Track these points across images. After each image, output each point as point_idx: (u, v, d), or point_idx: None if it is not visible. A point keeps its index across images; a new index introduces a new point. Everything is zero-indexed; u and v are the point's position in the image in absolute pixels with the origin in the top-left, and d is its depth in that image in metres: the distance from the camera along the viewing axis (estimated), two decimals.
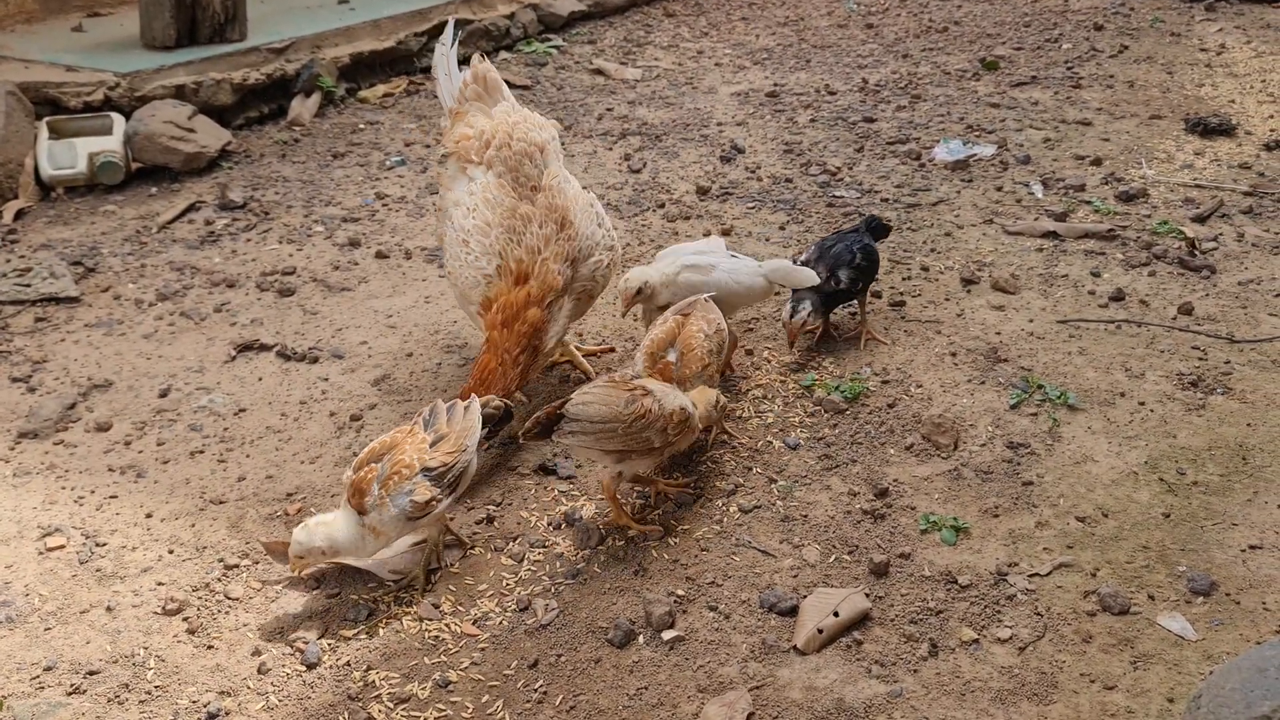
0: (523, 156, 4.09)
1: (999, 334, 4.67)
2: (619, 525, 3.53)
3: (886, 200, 6.02)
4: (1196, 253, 5.31)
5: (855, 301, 4.62)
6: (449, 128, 4.29)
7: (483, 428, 3.44)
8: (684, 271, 4.14)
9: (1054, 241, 5.49)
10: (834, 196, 6.07)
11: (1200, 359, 4.46)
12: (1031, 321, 4.77)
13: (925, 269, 5.24)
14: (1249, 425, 4.02)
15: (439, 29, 8.29)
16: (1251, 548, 3.44)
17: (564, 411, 3.34)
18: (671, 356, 3.75)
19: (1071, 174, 6.26)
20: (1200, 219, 5.70)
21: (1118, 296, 4.93)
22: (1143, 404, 4.17)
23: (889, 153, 6.67)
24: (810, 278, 4.26)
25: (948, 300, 4.96)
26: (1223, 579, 3.32)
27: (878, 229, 4.79)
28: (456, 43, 4.48)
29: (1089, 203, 5.91)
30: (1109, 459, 3.87)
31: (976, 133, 6.91)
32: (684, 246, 4.47)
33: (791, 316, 4.33)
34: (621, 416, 3.33)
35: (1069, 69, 8.07)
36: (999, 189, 6.13)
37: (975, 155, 6.52)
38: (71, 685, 3.02)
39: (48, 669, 3.08)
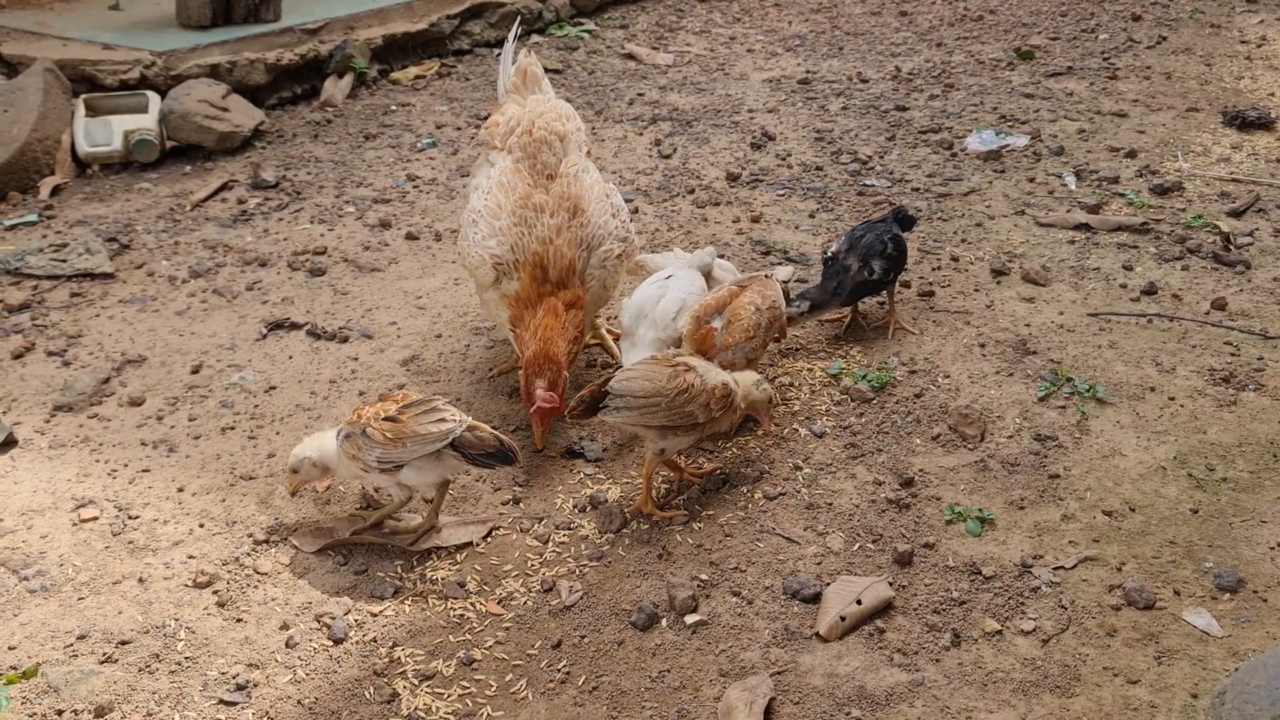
0: (542, 144, 4.13)
1: (1028, 326, 4.64)
2: (643, 512, 3.55)
3: (917, 190, 5.99)
4: (1231, 247, 5.25)
5: (884, 291, 4.61)
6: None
7: (476, 461, 3.35)
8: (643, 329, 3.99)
9: (1086, 234, 5.45)
10: (864, 185, 6.05)
11: (1233, 355, 4.42)
12: (1062, 314, 4.74)
13: (955, 259, 5.21)
14: None
15: (471, 11, 8.30)
16: None
17: (608, 388, 3.39)
18: (717, 323, 3.81)
19: (1105, 166, 6.20)
20: (1236, 213, 5.63)
21: (1150, 290, 4.89)
22: (1173, 399, 4.14)
23: (921, 142, 6.63)
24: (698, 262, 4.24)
25: (977, 291, 4.94)
26: (1250, 576, 3.30)
27: (904, 220, 4.77)
28: (517, 38, 4.60)
29: (1122, 195, 5.85)
30: (1137, 453, 3.85)
31: (1010, 123, 6.85)
32: (647, 289, 4.12)
33: (797, 313, 4.33)
34: (664, 391, 3.37)
35: (1105, 59, 7.99)
36: (1031, 180, 6.08)
37: (1008, 146, 6.47)
38: (104, 654, 3.08)
39: (81, 637, 3.13)
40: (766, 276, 4.05)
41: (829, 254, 4.52)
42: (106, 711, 2.90)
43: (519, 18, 8.60)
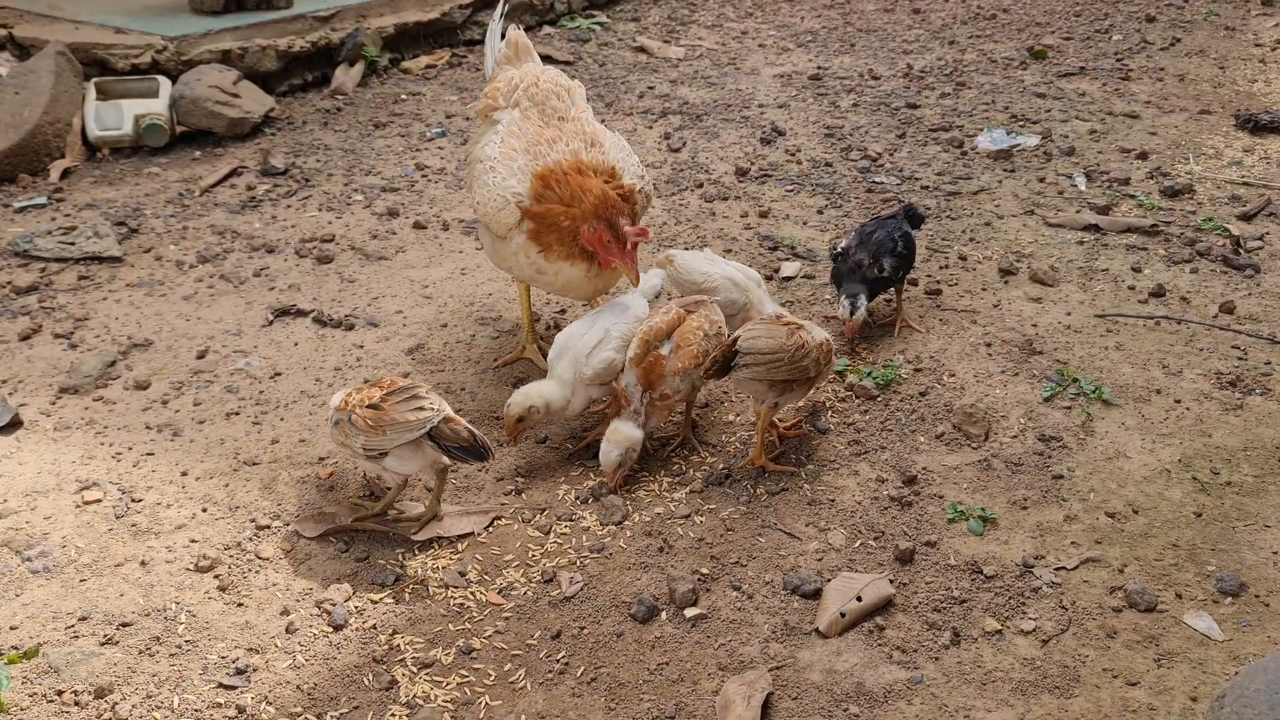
0: (549, 93, 4.11)
1: (1035, 326, 4.63)
2: (756, 465, 3.70)
3: (927, 188, 5.97)
4: (1241, 251, 5.23)
5: (891, 289, 4.60)
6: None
7: (450, 453, 3.33)
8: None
9: (1095, 235, 5.43)
10: (874, 182, 6.03)
11: (1240, 359, 4.40)
12: (1069, 314, 4.72)
13: (963, 258, 5.20)
14: None
15: (484, 1, 8.29)
16: None
17: (738, 348, 3.52)
18: (665, 349, 3.67)
19: (1116, 167, 6.18)
20: (1246, 217, 5.61)
21: (1158, 292, 4.87)
22: (1179, 401, 4.13)
23: (931, 140, 6.61)
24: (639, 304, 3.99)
25: (985, 290, 4.93)
26: (1252, 580, 3.29)
27: (914, 218, 4.75)
28: (502, 18, 4.53)
29: (1133, 197, 5.83)
30: (1142, 455, 3.84)
31: (1021, 122, 6.83)
32: (575, 324, 3.95)
33: (851, 314, 4.28)
34: (786, 348, 3.54)
35: (1118, 60, 7.95)
36: (1041, 180, 6.06)
37: (1019, 145, 6.45)
38: (105, 636, 3.09)
39: (82, 619, 3.14)
40: (711, 303, 3.92)
41: (838, 249, 4.50)
42: (106, 692, 2.91)
43: (533, 8, 8.59)
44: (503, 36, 4.45)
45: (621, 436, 3.60)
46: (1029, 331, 4.58)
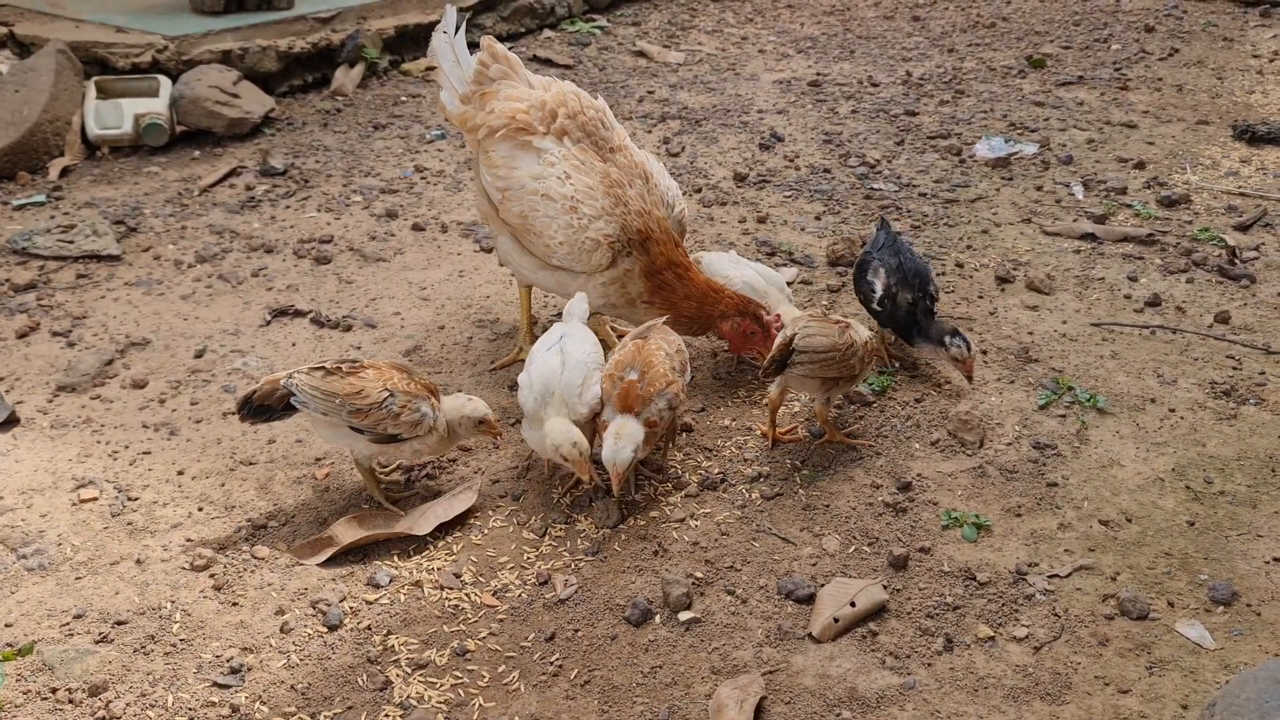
0: (595, 122, 4.11)
1: (1031, 334, 4.64)
2: (834, 440, 3.90)
3: (925, 195, 5.99)
4: (1237, 261, 5.25)
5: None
6: (470, 112, 4.15)
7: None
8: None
9: (1092, 243, 5.45)
10: (872, 189, 6.05)
11: (1234, 368, 4.42)
12: (1065, 323, 4.74)
13: (960, 265, 5.22)
14: None
15: (484, 5, 8.32)
16: (1276, 560, 3.42)
17: (794, 345, 3.64)
18: (633, 375, 3.56)
19: (1113, 176, 6.20)
20: (1242, 227, 5.63)
21: (1154, 302, 4.89)
22: (1173, 411, 4.14)
23: (929, 147, 6.63)
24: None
25: (981, 298, 4.94)
26: (1244, 589, 3.30)
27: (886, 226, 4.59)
28: (463, 28, 4.29)
29: (1130, 206, 5.85)
30: (1136, 464, 3.85)
31: (1019, 130, 6.85)
32: (544, 358, 3.74)
33: (969, 351, 4.08)
34: (838, 346, 3.69)
35: (1117, 70, 7.98)
36: (1039, 188, 6.08)
37: (1017, 153, 6.47)
38: (100, 634, 3.09)
39: (77, 617, 3.15)
40: (662, 324, 3.86)
41: (878, 295, 4.29)
42: (101, 691, 2.91)
43: (533, 11, 8.61)
44: (471, 48, 4.25)
45: (631, 431, 3.47)
46: (1025, 339, 4.60)
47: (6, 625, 3.11)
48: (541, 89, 4.16)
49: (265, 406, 3.41)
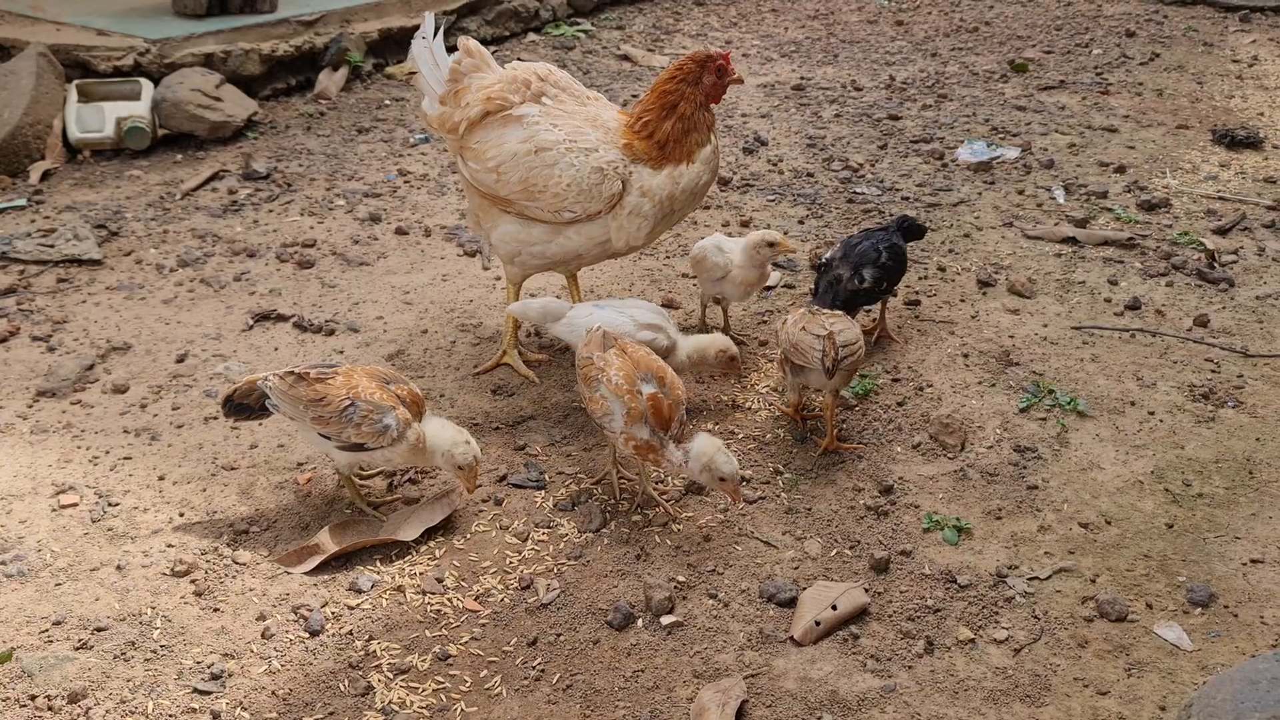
0: (569, 80, 4.19)
1: (1012, 337, 4.67)
2: (832, 449, 3.91)
3: (907, 199, 6.02)
4: (1216, 265, 5.29)
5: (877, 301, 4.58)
6: (449, 111, 4.15)
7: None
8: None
9: (1073, 247, 5.49)
10: (855, 193, 6.07)
11: (1213, 371, 4.45)
12: (1046, 326, 4.77)
13: (942, 269, 5.24)
14: (1258, 440, 4.02)
15: (468, 8, 8.32)
16: (1253, 561, 3.45)
17: (840, 342, 3.72)
18: (651, 388, 3.48)
19: (1094, 180, 6.24)
20: (1221, 231, 5.67)
21: (1134, 305, 4.92)
22: (1152, 413, 4.17)
23: (912, 151, 6.66)
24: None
25: (963, 301, 4.97)
26: (1222, 591, 3.33)
27: (911, 229, 4.69)
28: (442, 33, 4.28)
29: (1110, 210, 5.89)
30: (1115, 467, 3.88)
31: (1001, 135, 6.89)
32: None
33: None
34: (860, 339, 3.83)
35: (1098, 74, 8.03)
36: (1021, 192, 6.11)
37: (999, 157, 6.50)
38: (79, 640, 3.08)
39: (56, 623, 3.13)
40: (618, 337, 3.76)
41: (822, 260, 4.50)
42: (80, 697, 2.90)
43: (517, 15, 8.62)
44: (451, 52, 4.25)
45: (713, 444, 3.43)
46: (1006, 343, 4.62)
47: None
48: (511, 68, 4.19)
49: (246, 405, 3.51)
